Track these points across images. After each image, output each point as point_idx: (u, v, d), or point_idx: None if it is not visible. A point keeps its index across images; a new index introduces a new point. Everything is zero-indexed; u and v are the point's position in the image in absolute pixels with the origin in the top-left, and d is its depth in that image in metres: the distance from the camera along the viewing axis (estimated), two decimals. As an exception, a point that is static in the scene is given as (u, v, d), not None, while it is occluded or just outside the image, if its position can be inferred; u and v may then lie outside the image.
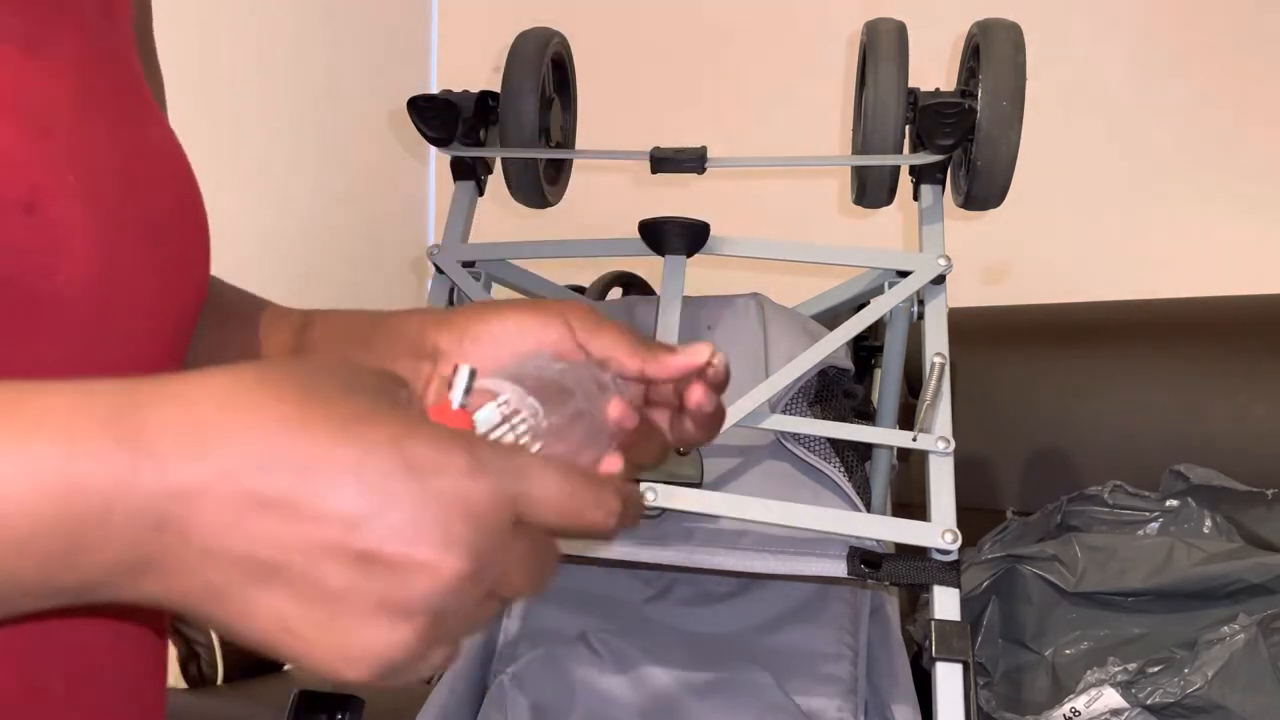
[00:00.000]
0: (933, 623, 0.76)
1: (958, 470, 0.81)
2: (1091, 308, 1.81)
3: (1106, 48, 1.98)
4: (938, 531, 0.77)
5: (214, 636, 1.84)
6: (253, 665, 1.91)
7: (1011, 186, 0.95)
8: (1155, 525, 1.45)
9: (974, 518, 1.55)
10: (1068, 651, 1.36)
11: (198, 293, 0.54)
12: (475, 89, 1.01)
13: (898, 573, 0.79)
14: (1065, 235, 1.98)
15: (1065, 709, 1.27)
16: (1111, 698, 1.25)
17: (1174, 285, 1.85)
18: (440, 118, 0.96)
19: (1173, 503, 1.45)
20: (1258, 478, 1.44)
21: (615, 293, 1.16)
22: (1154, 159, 1.94)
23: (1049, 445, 1.70)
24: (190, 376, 0.38)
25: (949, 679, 0.75)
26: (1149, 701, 1.22)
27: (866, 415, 1.05)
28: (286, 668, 1.98)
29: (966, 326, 1.77)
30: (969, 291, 1.86)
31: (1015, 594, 1.41)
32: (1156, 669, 1.24)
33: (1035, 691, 1.35)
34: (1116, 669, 1.27)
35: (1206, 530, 1.42)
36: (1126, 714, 1.23)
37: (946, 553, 0.78)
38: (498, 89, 1.01)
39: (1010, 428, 1.72)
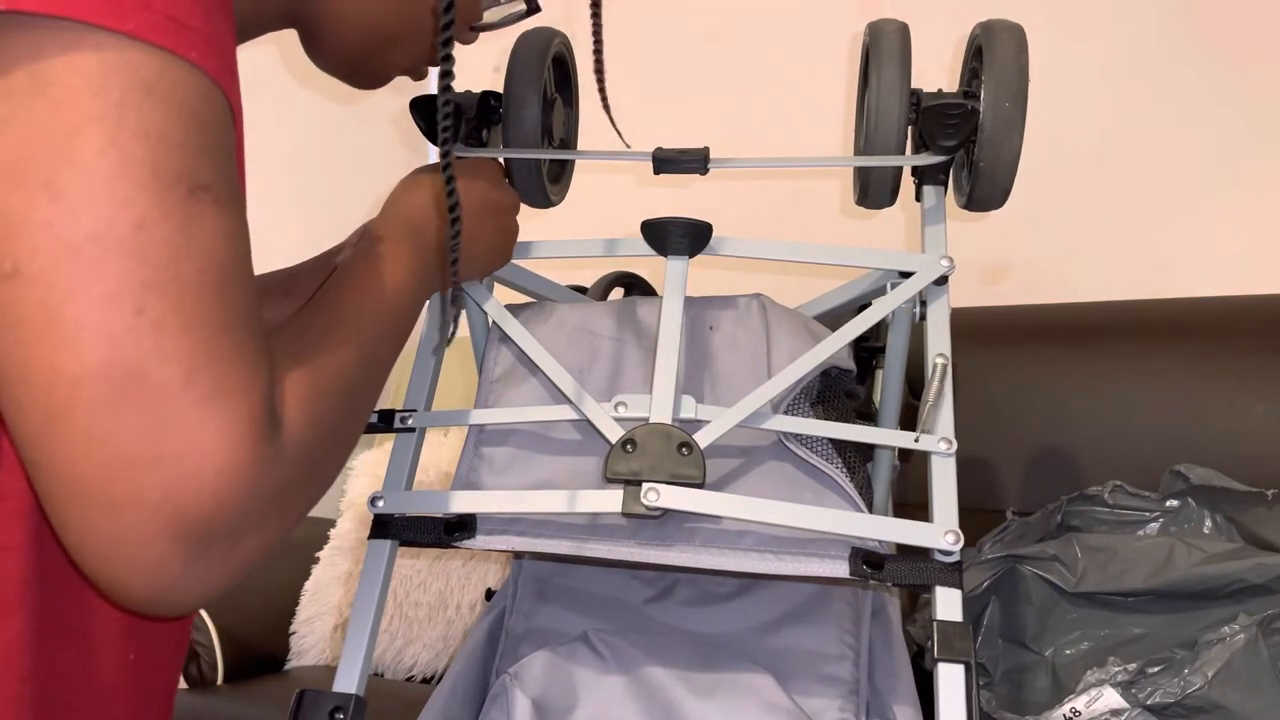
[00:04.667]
0: (935, 623, 0.76)
1: (958, 471, 0.81)
2: (1091, 308, 1.81)
3: (1107, 48, 1.98)
4: (940, 532, 0.77)
5: (214, 637, 1.84)
6: (253, 665, 1.92)
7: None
8: (1155, 525, 1.45)
9: (974, 518, 1.55)
10: (1068, 651, 1.37)
11: None
12: (476, 89, 1.01)
13: (900, 574, 0.78)
14: (1065, 235, 1.98)
15: (1065, 709, 1.27)
16: (1111, 698, 1.25)
17: (1174, 285, 1.85)
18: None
19: (1173, 503, 1.46)
20: (1258, 478, 1.44)
21: (617, 293, 1.16)
22: (1154, 159, 1.94)
23: (1049, 445, 1.70)
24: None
25: (951, 680, 0.75)
26: (1149, 702, 1.22)
27: (868, 416, 1.05)
28: (286, 668, 1.99)
29: (966, 326, 1.77)
30: (969, 291, 1.87)
31: (1015, 594, 1.41)
32: (1156, 669, 1.24)
33: (1035, 691, 1.35)
34: (1116, 669, 1.27)
35: (1206, 530, 1.43)
36: (1126, 714, 1.23)
37: (949, 553, 0.78)
38: (499, 89, 1.01)
39: (1010, 428, 1.72)
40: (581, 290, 1.11)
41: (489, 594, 1.04)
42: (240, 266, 0.55)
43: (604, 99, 0.98)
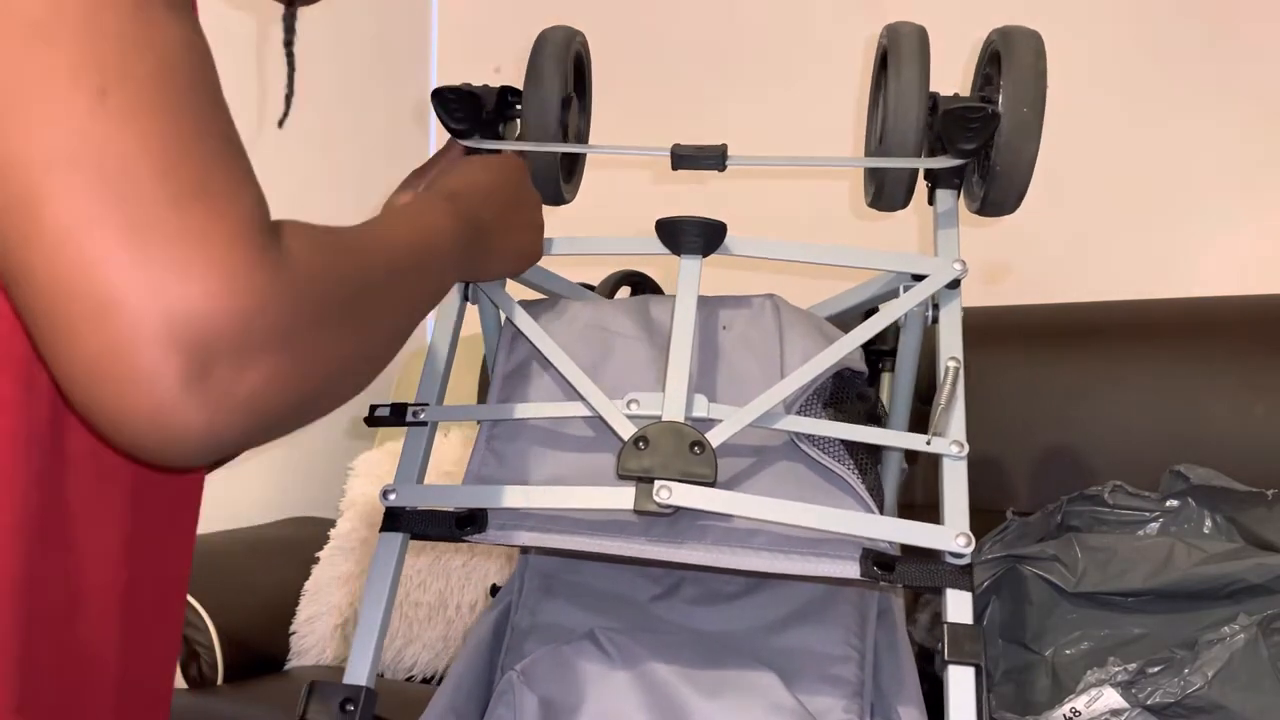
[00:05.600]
0: (945, 626, 0.76)
1: (959, 470, 0.81)
2: (1091, 308, 1.82)
3: (1107, 48, 1.98)
4: (951, 535, 0.77)
5: (214, 637, 1.84)
6: (253, 665, 1.91)
7: (1012, 187, 0.95)
8: (1155, 525, 1.45)
9: (974, 518, 1.55)
10: (1068, 651, 1.37)
11: None
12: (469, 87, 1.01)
13: (911, 575, 0.79)
14: (1065, 235, 1.98)
15: (1065, 709, 1.28)
16: (1111, 698, 1.25)
17: (1174, 285, 1.85)
18: (464, 109, 0.96)
19: (1173, 503, 1.46)
20: (1258, 478, 1.44)
21: (623, 292, 1.16)
22: (1155, 159, 1.94)
23: (1049, 445, 1.71)
24: None
25: (961, 682, 0.75)
26: (1149, 702, 1.23)
27: (877, 419, 1.05)
28: (286, 668, 1.99)
29: (966, 326, 1.78)
30: (969, 291, 1.86)
31: (1015, 594, 1.42)
32: (1156, 669, 1.25)
33: (1035, 691, 1.36)
34: (1117, 669, 1.28)
35: (1206, 530, 1.43)
36: (1126, 714, 1.24)
37: (960, 556, 0.78)
38: (497, 88, 1.01)
39: (1010, 428, 1.73)
40: (590, 288, 1.11)
41: (494, 589, 1.04)
42: (207, 79, 0.52)
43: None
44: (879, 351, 1.07)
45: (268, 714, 1.68)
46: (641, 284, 1.16)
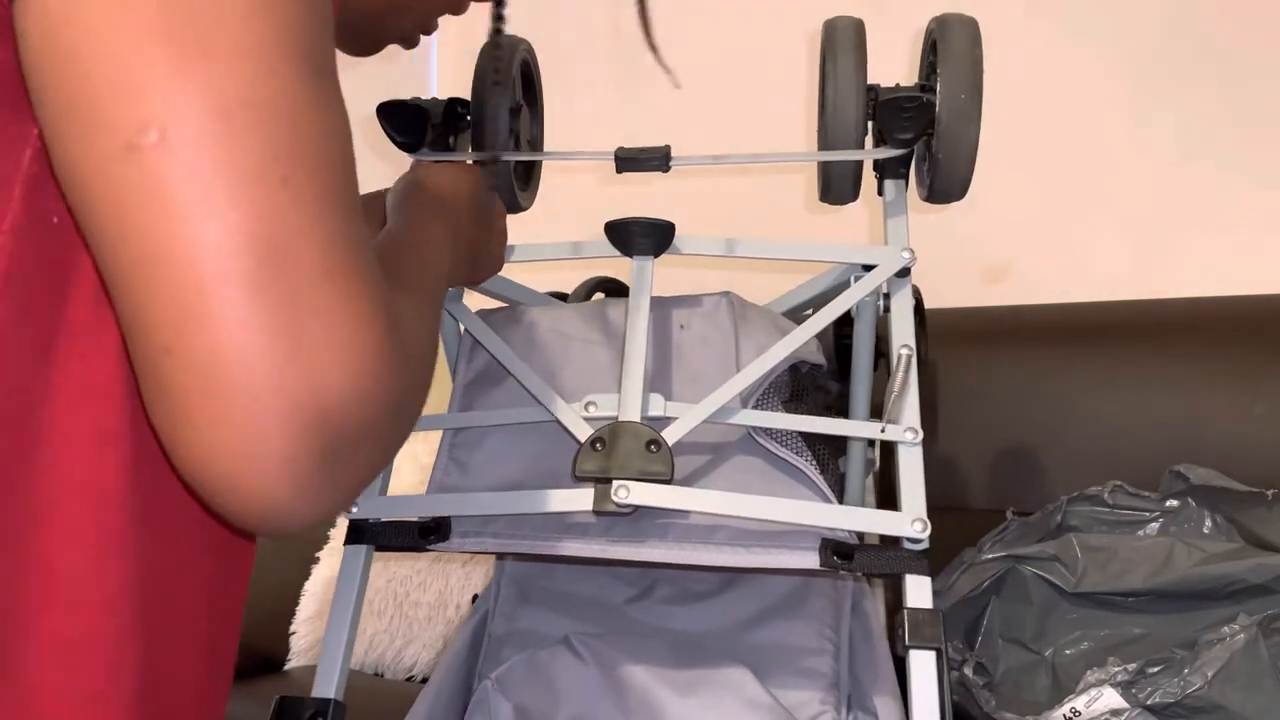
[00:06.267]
0: (905, 611, 0.77)
1: (958, 471, 0.81)
2: (1091, 308, 1.81)
3: (1106, 48, 1.98)
4: (908, 520, 0.78)
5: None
6: (253, 665, 1.91)
7: (1011, 186, 0.95)
8: (1155, 525, 1.44)
9: (974, 518, 1.55)
10: (1068, 651, 1.36)
11: None
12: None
13: (869, 563, 0.79)
14: (1065, 235, 1.97)
15: (1065, 709, 1.27)
16: (1111, 698, 1.24)
17: (1174, 285, 1.84)
18: (409, 123, 0.98)
19: (1173, 503, 1.45)
20: (1258, 478, 1.43)
21: (598, 298, 1.17)
22: (1154, 159, 1.94)
23: (1049, 445, 1.69)
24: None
25: (923, 666, 0.75)
26: (1149, 702, 1.21)
27: (845, 411, 1.05)
28: (286, 668, 1.99)
29: (966, 326, 1.79)
30: (969, 291, 1.87)
31: (1015, 594, 1.41)
32: (1156, 669, 1.24)
33: (1035, 691, 1.34)
34: (1116, 669, 1.27)
35: (1206, 530, 1.42)
36: (1126, 714, 1.22)
37: (917, 541, 0.78)
38: (445, 100, 1.02)
39: (1011, 428, 1.72)
40: (562, 296, 1.11)
41: (474, 599, 1.05)
42: (351, 154, 0.53)
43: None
44: (852, 346, 1.07)
45: (268, 714, 1.68)
46: (616, 290, 1.17)
